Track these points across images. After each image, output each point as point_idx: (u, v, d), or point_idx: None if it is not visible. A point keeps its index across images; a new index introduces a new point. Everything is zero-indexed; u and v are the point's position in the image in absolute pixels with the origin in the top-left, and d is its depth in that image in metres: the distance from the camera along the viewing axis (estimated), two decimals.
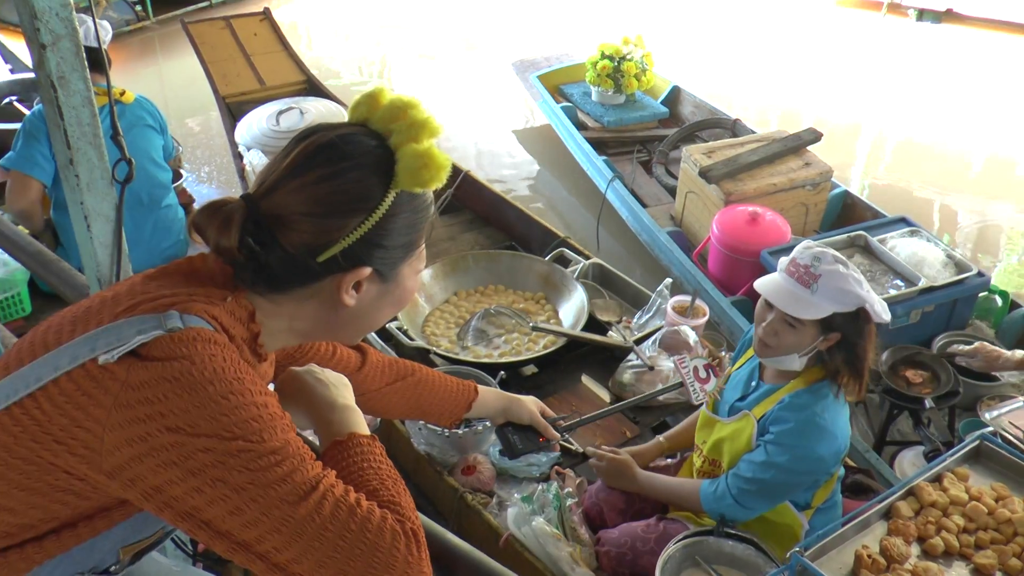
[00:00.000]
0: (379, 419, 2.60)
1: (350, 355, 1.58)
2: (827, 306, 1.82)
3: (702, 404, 2.18)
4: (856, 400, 1.96)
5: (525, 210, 3.93)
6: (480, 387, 1.83)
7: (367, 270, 1.12)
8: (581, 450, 2.46)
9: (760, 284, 1.91)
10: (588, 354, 2.97)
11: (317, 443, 1.25)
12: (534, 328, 2.86)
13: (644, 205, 4.47)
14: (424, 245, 1.21)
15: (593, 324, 3.02)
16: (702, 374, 2.21)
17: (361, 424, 1.23)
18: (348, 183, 1.07)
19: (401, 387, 1.67)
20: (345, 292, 1.13)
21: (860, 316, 1.85)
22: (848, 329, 1.86)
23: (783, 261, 1.90)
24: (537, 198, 5.42)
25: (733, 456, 2.04)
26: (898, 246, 3.41)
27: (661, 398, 2.65)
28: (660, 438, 2.38)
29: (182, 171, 3.91)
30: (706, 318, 2.91)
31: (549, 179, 5.65)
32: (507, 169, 5.81)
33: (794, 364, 1.94)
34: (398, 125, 1.12)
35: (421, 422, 2.41)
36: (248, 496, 0.98)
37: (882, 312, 1.86)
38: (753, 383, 2.08)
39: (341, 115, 4.34)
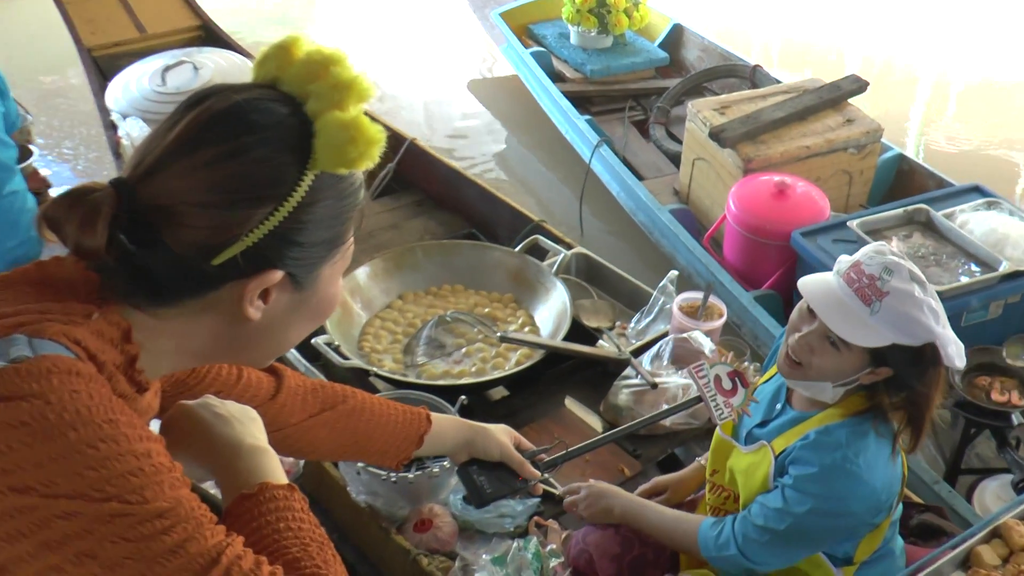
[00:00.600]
0: (302, 462, 2.57)
1: (260, 379, 1.58)
2: (887, 334, 1.82)
3: (729, 421, 2.18)
4: (909, 452, 1.99)
5: (488, 188, 3.93)
6: (434, 415, 1.84)
7: (277, 274, 1.13)
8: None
9: (806, 284, 1.92)
10: (573, 370, 2.98)
11: (220, 497, 1.25)
12: (502, 339, 2.89)
13: (640, 177, 4.43)
14: (352, 240, 1.21)
15: (578, 332, 3.03)
16: (726, 384, 2.15)
17: (276, 471, 1.22)
18: (253, 163, 1.08)
19: (330, 418, 1.66)
20: (249, 303, 1.13)
21: (925, 355, 1.85)
22: (906, 368, 1.87)
23: (843, 262, 1.91)
24: (503, 172, 5.41)
25: (747, 495, 2.06)
26: (971, 221, 3.40)
27: (668, 423, 2.65)
28: (701, 460, 2.39)
29: (32, 147, 3.81)
30: (723, 320, 2.92)
31: (517, 147, 5.64)
32: (464, 135, 5.82)
33: (824, 394, 1.96)
34: (317, 87, 1.12)
35: (359, 464, 2.38)
36: (127, 575, 0.96)
37: (955, 356, 1.86)
38: (778, 406, 2.09)
39: (246, 72, 4.22)
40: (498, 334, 2.93)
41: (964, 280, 3.19)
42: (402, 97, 6.24)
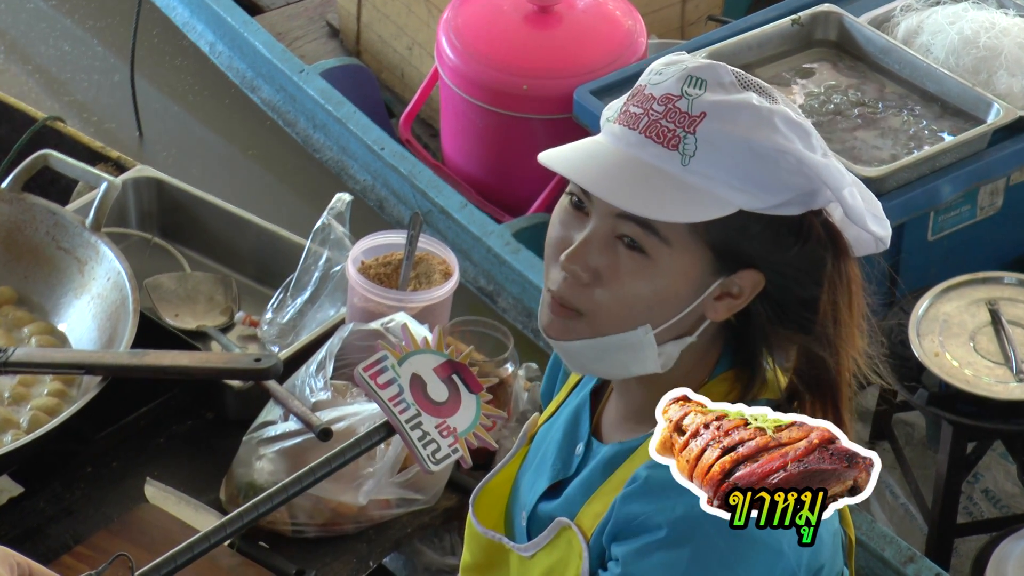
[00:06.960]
0: None
1: None
2: (721, 190, 1.39)
3: (458, 462, 1.70)
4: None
5: None
6: None
7: None
8: None
9: (556, 154, 1.48)
10: (156, 423, 2.47)
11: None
12: (5, 366, 2.42)
13: (255, 8, 3.69)
14: None
15: (158, 336, 2.54)
16: (436, 393, 1.60)
17: None
18: None
19: None
20: None
21: (809, 227, 1.40)
22: (781, 259, 1.41)
23: (613, 106, 1.48)
24: None
25: None
26: (926, 31, 2.97)
27: (361, 500, 2.26)
28: None
29: None
30: (452, 284, 2.43)
31: None
32: None
33: (643, 358, 1.46)
34: None
35: None
36: None
37: (864, 211, 1.38)
38: (579, 447, 1.61)
39: None
40: None
41: (924, 150, 2.67)
42: None
